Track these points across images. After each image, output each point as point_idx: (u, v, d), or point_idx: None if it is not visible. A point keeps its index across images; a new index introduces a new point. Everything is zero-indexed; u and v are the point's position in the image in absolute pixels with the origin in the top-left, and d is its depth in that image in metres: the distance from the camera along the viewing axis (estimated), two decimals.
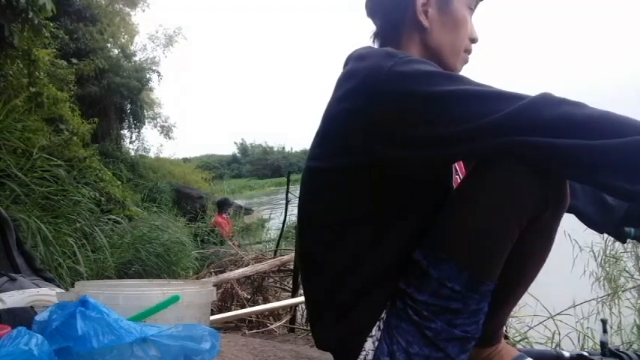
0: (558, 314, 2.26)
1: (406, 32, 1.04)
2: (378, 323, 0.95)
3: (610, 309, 2.55)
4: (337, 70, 1.10)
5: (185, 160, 18.16)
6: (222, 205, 7.75)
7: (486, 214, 0.87)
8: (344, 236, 0.95)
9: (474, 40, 1.08)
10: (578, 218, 1.17)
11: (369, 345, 0.94)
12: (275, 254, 3.72)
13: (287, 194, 4.14)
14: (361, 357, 0.93)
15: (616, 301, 2.59)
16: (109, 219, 4.28)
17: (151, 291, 0.83)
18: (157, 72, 10.63)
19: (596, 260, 2.90)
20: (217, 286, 2.66)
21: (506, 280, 0.93)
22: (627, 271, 2.85)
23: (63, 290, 1.28)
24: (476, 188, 0.89)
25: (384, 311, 0.95)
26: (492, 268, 0.89)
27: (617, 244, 2.98)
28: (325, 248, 0.97)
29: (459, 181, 1.05)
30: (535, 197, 0.86)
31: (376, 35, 1.09)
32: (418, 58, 0.91)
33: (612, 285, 2.76)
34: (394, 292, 0.95)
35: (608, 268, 2.86)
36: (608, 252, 2.93)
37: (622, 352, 1.11)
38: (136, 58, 10.76)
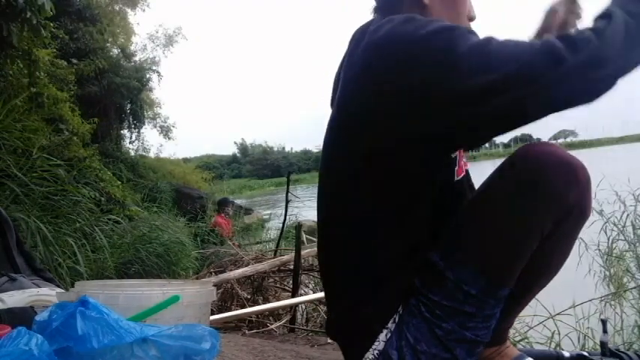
0: (558, 314, 2.25)
1: (406, 8, 1.02)
2: (394, 316, 0.94)
3: (614, 309, 2.55)
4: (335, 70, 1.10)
5: (185, 160, 18.17)
6: (220, 205, 7.77)
7: (510, 222, 0.86)
8: (368, 225, 0.94)
9: (471, 19, 1.08)
10: None
11: (383, 336, 0.94)
12: (275, 254, 3.72)
13: (287, 194, 4.14)
14: (374, 346, 0.94)
15: (619, 300, 2.58)
16: (109, 219, 4.28)
17: (150, 291, 0.83)
18: (157, 72, 10.64)
19: (601, 258, 2.90)
20: (217, 286, 2.66)
21: (521, 284, 0.93)
22: (629, 271, 2.85)
23: (63, 290, 1.28)
24: (500, 194, 0.88)
25: (401, 305, 0.95)
26: (510, 275, 0.89)
27: (620, 243, 2.99)
28: (350, 237, 0.96)
29: (462, 172, 1.04)
30: (558, 206, 0.85)
31: (376, 10, 1.08)
32: (434, 18, 0.89)
33: (615, 284, 2.76)
34: (410, 288, 0.95)
35: (612, 269, 2.86)
36: (611, 252, 2.93)
37: (622, 352, 1.10)
38: (136, 58, 10.76)
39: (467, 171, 1.08)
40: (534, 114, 0.82)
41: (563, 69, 0.76)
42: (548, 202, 0.85)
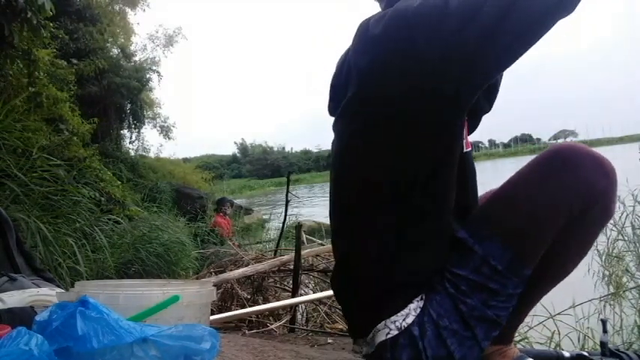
0: (558, 314, 2.25)
1: None
2: (421, 294, 0.97)
3: (613, 309, 2.55)
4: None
5: (185, 160, 18.19)
6: (219, 204, 7.80)
7: (539, 199, 0.92)
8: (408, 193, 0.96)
9: None
10: None
11: (413, 308, 0.96)
12: (275, 254, 3.72)
13: (287, 194, 4.14)
14: (403, 312, 0.95)
15: (619, 300, 2.58)
16: (109, 219, 4.27)
17: (151, 291, 0.83)
18: (157, 72, 10.64)
19: (601, 258, 2.90)
20: (217, 286, 2.66)
21: (538, 278, 0.97)
22: (629, 271, 2.85)
23: (63, 290, 1.28)
24: (533, 175, 0.95)
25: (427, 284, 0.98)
26: (535, 252, 0.94)
27: (621, 243, 2.99)
28: (387, 203, 0.97)
29: (469, 146, 1.08)
30: (586, 191, 0.91)
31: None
32: None
33: (614, 284, 2.76)
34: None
35: (612, 269, 2.86)
36: (610, 251, 2.93)
37: (622, 352, 1.11)
38: (136, 58, 10.77)
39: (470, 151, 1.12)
40: (522, 36, 0.87)
41: None
42: (578, 185, 0.91)
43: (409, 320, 0.94)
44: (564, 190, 0.91)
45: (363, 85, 0.96)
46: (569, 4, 0.87)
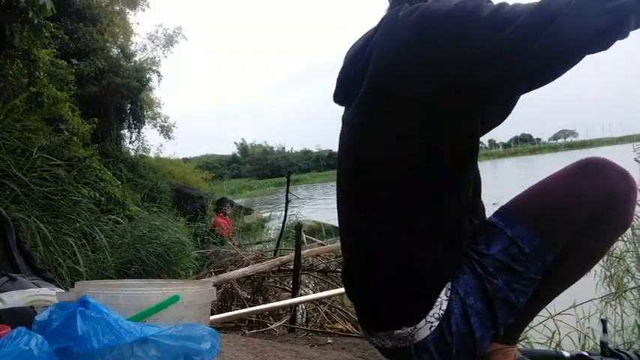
0: (559, 314, 2.25)
1: None
2: (450, 279, 1.00)
3: (614, 309, 2.54)
4: (335, 71, 1.12)
5: (185, 160, 18.21)
6: (219, 204, 7.81)
7: (568, 194, 1.01)
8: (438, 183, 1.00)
9: None
10: None
11: (443, 293, 0.99)
12: (275, 254, 3.71)
13: (287, 194, 4.14)
14: (437, 302, 0.98)
15: (620, 300, 2.58)
16: (109, 219, 4.27)
17: (150, 291, 0.83)
18: (157, 72, 10.65)
19: (602, 259, 2.90)
20: (217, 286, 2.66)
21: (554, 275, 1.03)
22: (629, 271, 2.85)
23: (63, 290, 1.28)
24: (564, 174, 1.04)
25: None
26: (559, 241, 1.00)
27: (621, 243, 2.99)
28: (414, 192, 1.00)
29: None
30: (609, 194, 0.99)
31: None
32: None
33: (615, 285, 2.76)
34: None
35: (612, 269, 2.86)
36: (611, 252, 2.93)
37: (622, 351, 1.11)
38: (136, 58, 10.78)
39: None
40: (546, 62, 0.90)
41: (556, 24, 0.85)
42: (602, 188, 1.00)
43: (444, 306, 0.98)
44: (590, 190, 1.00)
45: (382, 76, 1.01)
46: (596, 45, 0.87)
